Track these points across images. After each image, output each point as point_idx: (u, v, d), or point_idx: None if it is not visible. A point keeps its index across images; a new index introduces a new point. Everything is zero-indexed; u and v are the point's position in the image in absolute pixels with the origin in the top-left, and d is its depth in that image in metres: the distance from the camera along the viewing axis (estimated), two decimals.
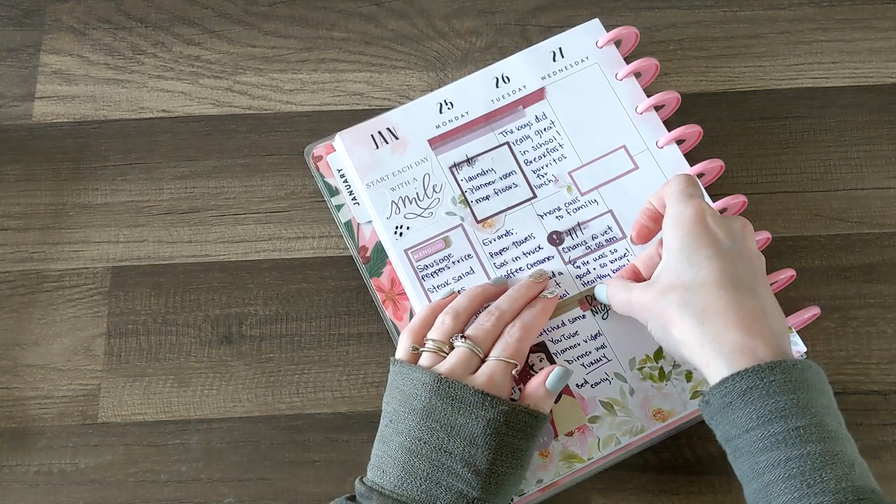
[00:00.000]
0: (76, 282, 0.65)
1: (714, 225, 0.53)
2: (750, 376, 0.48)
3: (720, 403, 0.49)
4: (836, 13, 0.72)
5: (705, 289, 0.51)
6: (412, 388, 0.53)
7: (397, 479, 0.51)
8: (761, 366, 0.48)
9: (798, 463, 0.46)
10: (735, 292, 0.50)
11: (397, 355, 0.56)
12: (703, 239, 0.52)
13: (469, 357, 0.54)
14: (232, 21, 0.72)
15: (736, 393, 0.48)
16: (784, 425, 0.47)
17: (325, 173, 0.65)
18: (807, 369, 0.49)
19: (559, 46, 0.66)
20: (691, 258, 0.52)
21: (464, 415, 0.51)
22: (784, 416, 0.47)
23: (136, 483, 0.60)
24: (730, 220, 0.54)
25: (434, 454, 0.51)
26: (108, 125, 0.69)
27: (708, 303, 0.50)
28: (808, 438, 0.46)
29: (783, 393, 0.47)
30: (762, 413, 0.47)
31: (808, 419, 0.47)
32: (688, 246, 0.52)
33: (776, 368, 0.48)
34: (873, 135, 0.68)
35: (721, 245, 0.52)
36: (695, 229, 0.53)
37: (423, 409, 0.52)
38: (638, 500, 0.60)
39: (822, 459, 0.46)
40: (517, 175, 0.63)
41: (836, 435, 0.47)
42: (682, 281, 0.52)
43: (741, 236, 0.54)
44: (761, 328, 0.50)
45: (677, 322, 0.51)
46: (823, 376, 0.50)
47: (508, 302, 0.57)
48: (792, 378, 0.48)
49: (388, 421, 0.53)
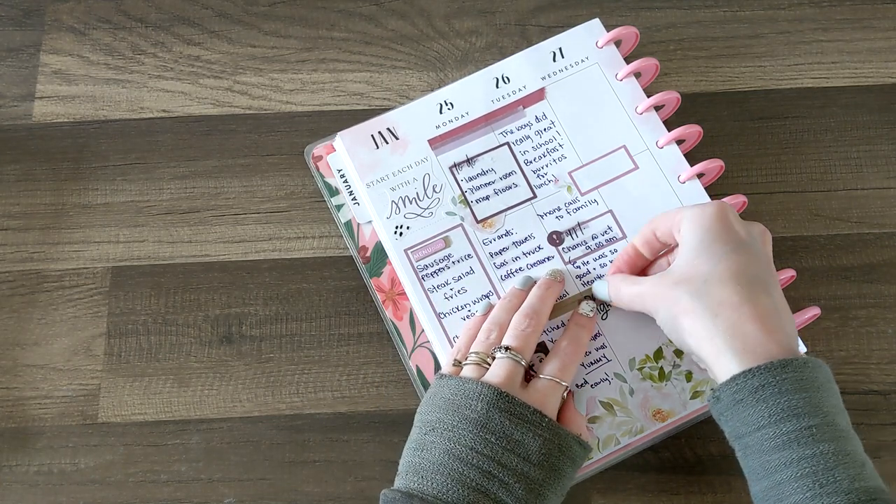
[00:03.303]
0: (76, 282, 0.65)
1: (736, 222, 0.53)
2: (762, 373, 0.48)
3: (731, 400, 0.49)
4: (836, 13, 0.72)
5: (722, 282, 0.51)
6: (465, 398, 0.52)
7: (442, 486, 0.49)
8: (773, 363, 0.48)
9: (811, 462, 0.46)
10: (752, 289, 0.50)
11: (442, 371, 0.56)
12: (725, 235, 0.52)
13: (516, 369, 0.54)
14: (232, 21, 0.72)
15: (748, 390, 0.48)
16: (796, 424, 0.46)
17: (325, 173, 0.65)
18: (817, 368, 0.49)
19: (559, 46, 0.66)
20: (711, 250, 0.52)
21: (520, 431, 0.51)
22: (796, 414, 0.47)
23: (136, 483, 0.60)
24: (751, 223, 0.55)
25: (487, 464, 0.50)
26: (108, 125, 0.69)
27: (724, 296, 0.50)
28: (820, 438, 0.46)
29: (795, 391, 0.47)
30: (774, 411, 0.47)
31: (821, 418, 0.47)
32: (708, 239, 0.52)
33: (788, 367, 0.48)
34: (873, 135, 0.68)
35: (742, 241, 0.52)
36: (716, 225, 0.53)
37: (478, 420, 0.51)
38: (638, 500, 0.60)
39: (835, 459, 0.46)
40: (517, 175, 0.63)
41: (847, 434, 0.47)
42: (698, 272, 0.52)
43: (761, 239, 0.54)
44: (774, 325, 0.49)
45: (689, 312, 0.51)
46: (831, 375, 0.50)
47: (540, 302, 0.57)
48: (804, 377, 0.48)
49: (428, 429, 0.53)
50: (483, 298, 0.60)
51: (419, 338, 0.61)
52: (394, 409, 0.62)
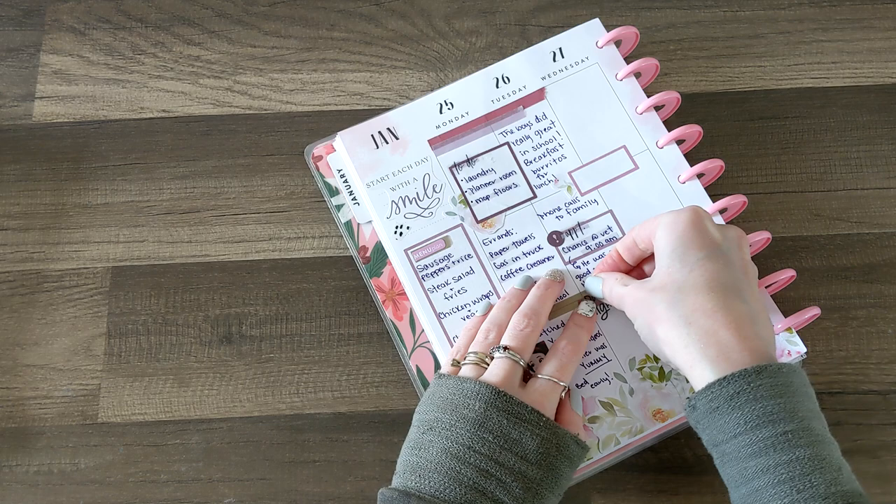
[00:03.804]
0: (76, 282, 0.65)
1: (710, 228, 0.53)
2: (737, 381, 0.48)
3: (707, 408, 0.49)
4: (836, 13, 0.71)
5: (695, 290, 0.51)
6: (463, 398, 0.52)
7: (439, 485, 0.49)
8: (748, 370, 0.48)
9: (787, 468, 0.46)
10: (726, 295, 0.50)
11: (441, 371, 0.56)
12: (698, 240, 0.52)
13: (515, 368, 0.54)
14: (232, 21, 0.72)
15: (723, 398, 0.48)
16: (772, 430, 0.47)
17: (325, 173, 0.65)
18: (792, 373, 0.49)
19: (559, 46, 0.66)
20: (684, 258, 0.52)
21: (518, 430, 0.51)
22: (772, 420, 0.47)
23: (136, 483, 0.60)
24: (726, 227, 0.55)
25: (484, 463, 0.50)
26: (108, 125, 0.69)
27: (697, 304, 0.50)
28: (796, 443, 0.46)
29: (770, 398, 0.47)
30: (750, 418, 0.47)
31: (796, 424, 0.47)
32: (682, 246, 0.52)
33: (763, 373, 0.48)
34: (873, 135, 0.68)
35: (716, 247, 0.52)
36: (690, 231, 0.53)
37: (475, 419, 0.51)
38: (638, 500, 0.60)
39: (812, 464, 0.46)
40: (517, 175, 0.63)
41: (823, 439, 0.47)
42: (673, 279, 0.52)
43: (736, 244, 0.54)
44: (748, 332, 0.50)
45: (664, 321, 0.51)
46: (807, 380, 0.50)
47: (539, 302, 0.57)
48: (779, 382, 0.48)
49: (426, 429, 0.53)
50: (483, 298, 0.60)
51: (419, 338, 0.61)
52: (394, 409, 0.62)
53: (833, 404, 0.61)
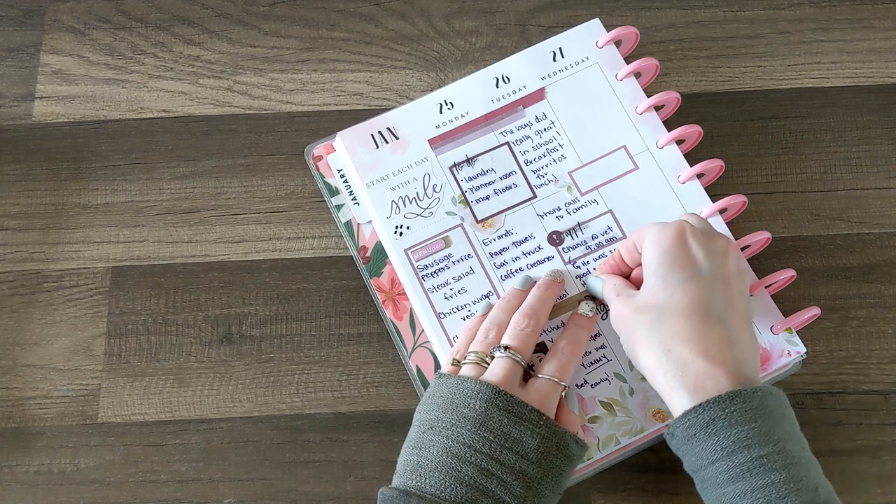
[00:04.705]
0: (76, 282, 0.65)
1: (694, 244, 0.53)
2: (712, 407, 0.48)
3: (685, 436, 0.49)
4: (836, 13, 0.72)
5: (675, 314, 0.51)
6: (463, 397, 0.52)
7: (440, 484, 0.50)
8: (722, 396, 0.48)
9: (763, 492, 0.46)
10: (703, 321, 0.51)
11: (442, 370, 0.56)
12: (680, 260, 0.52)
13: (515, 368, 0.54)
14: (232, 21, 0.72)
15: (699, 425, 0.49)
16: (747, 455, 0.47)
17: (325, 173, 0.65)
18: (767, 396, 0.49)
19: (559, 46, 0.66)
20: (666, 279, 0.52)
21: (518, 429, 0.51)
22: (747, 445, 0.47)
23: (136, 483, 0.60)
24: (712, 239, 0.54)
25: (485, 462, 0.50)
26: (108, 125, 0.69)
27: (676, 329, 0.51)
28: (771, 467, 0.47)
29: (745, 422, 0.48)
30: (726, 444, 0.48)
31: (771, 447, 0.47)
32: (664, 265, 0.53)
33: (737, 398, 0.48)
34: (873, 135, 0.68)
35: (697, 267, 0.52)
36: (673, 248, 0.53)
37: (476, 419, 0.51)
38: (638, 500, 0.60)
39: (787, 487, 0.46)
40: (517, 175, 0.63)
41: (800, 460, 0.48)
42: (655, 301, 0.52)
43: (721, 258, 0.53)
44: (725, 357, 0.50)
45: (645, 345, 0.52)
46: (786, 401, 0.50)
47: (539, 302, 0.57)
48: (753, 406, 0.48)
49: (426, 428, 0.53)
50: (483, 298, 0.60)
51: (419, 338, 0.61)
52: (394, 409, 0.62)
53: (833, 404, 0.61)
